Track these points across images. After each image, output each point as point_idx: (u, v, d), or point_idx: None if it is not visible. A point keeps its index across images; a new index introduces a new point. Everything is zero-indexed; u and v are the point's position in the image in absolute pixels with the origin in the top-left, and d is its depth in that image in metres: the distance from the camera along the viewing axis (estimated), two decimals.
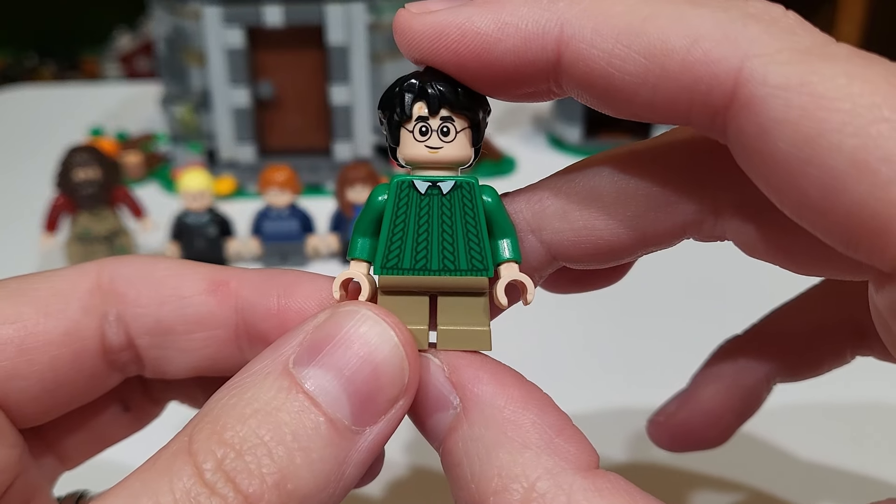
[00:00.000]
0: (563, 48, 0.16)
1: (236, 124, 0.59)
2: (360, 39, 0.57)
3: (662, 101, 0.16)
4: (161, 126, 0.67)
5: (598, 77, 0.16)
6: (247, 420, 0.15)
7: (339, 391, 0.16)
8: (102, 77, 1.82)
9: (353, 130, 0.60)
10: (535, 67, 0.17)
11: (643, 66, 0.15)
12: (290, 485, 0.15)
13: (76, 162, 0.48)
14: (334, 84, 0.58)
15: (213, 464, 0.15)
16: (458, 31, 0.17)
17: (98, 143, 0.61)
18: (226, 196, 0.59)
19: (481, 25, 0.17)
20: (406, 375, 0.17)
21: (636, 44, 0.15)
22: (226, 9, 0.56)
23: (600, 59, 0.16)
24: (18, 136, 0.75)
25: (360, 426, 0.16)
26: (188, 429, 0.16)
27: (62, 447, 0.21)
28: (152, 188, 0.61)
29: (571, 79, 0.17)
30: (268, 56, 0.59)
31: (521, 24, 0.17)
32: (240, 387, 0.16)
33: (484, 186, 0.18)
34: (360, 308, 0.17)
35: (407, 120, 0.18)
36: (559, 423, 0.16)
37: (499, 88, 0.18)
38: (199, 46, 0.57)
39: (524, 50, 0.17)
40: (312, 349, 0.16)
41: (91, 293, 0.20)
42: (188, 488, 0.14)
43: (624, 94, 0.16)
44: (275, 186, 0.50)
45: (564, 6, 0.16)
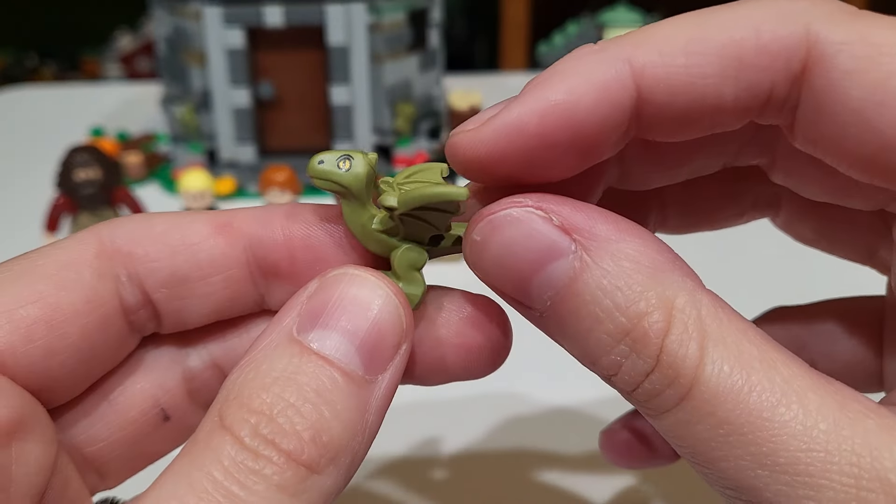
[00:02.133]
0: (639, 80, 0.17)
1: (237, 124, 0.59)
2: (361, 40, 0.57)
3: (746, 89, 0.17)
4: (161, 126, 0.67)
5: (681, 92, 0.17)
6: (269, 388, 0.16)
7: (347, 346, 0.17)
8: (103, 77, 1.82)
9: (353, 131, 0.60)
10: (619, 112, 0.17)
11: (720, 64, 0.17)
12: (325, 437, 0.16)
13: (77, 162, 0.48)
14: (334, 84, 0.58)
15: (250, 431, 0.16)
16: (535, 114, 0.17)
17: (99, 144, 0.61)
18: (226, 196, 0.59)
19: (557, 97, 0.17)
20: (403, 321, 0.18)
21: (706, 48, 0.17)
22: (226, 9, 0.56)
23: (678, 73, 0.17)
24: (19, 137, 0.75)
25: (372, 375, 0.17)
26: (214, 411, 0.16)
27: (102, 463, 0.21)
28: (153, 188, 0.61)
29: (653, 106, 0.17)
30: (268, 56, 0.59)
31: (591, 77, 0.17)
32: (253, 362, 0.17)
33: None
34: (347, 269, 0.18)
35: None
36: (671, 251, 0.17)
37: (584, 154, 0.18)
38: (200, 47, 0.58)
39: (605, 98, 0.17)
40: (312, 315, 0.17)
41: (98, 258, 0.20)
42: (233, 456, 0.15)
43: (708, 100, 0.17)
44: (275, 187, 0.50)
45: (618, 47, 0.17)
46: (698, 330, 0.16)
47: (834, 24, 0.16)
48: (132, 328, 0.20)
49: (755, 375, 0.16)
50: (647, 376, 0.16)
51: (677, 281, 0.17)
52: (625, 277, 0.16)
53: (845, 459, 0.15)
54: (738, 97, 0.17)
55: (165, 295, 0.20)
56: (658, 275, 0.17)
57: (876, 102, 0.16)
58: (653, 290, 0.16)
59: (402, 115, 0.61)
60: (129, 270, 0.20)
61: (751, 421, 0.15)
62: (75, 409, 0.20)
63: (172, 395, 0.22)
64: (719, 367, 0.16)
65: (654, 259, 0.17)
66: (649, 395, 0.17)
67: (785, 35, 0.16)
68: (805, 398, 0.15)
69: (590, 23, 0.65)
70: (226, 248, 0.20)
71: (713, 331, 0.16)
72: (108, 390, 0.21)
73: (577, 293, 0.17)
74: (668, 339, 0.16)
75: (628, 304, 0.16)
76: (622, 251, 0.17)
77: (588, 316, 0.17)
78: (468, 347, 0.20)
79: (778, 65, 0.17)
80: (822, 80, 0.16)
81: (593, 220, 0.17)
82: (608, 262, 0.17)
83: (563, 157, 0.18)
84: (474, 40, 1.82)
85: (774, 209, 0.24)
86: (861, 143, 0.16)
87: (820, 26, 0.16)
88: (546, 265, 0.17)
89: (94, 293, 0.19)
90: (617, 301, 0.16)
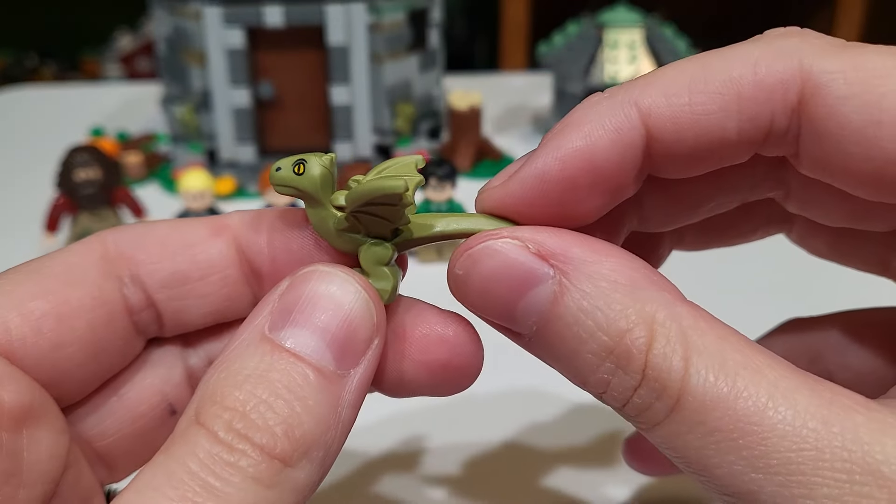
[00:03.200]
0: (647, 120, 0.18)
1: (236, 124, 0.59)
2: (361, 39, 0.57)
3: (748, 121, 0.18)
4: (161, 126, 0.67)
5: (687, 129, 0.18)
6: (242, 385, 0.16)
7: (317, 342, 0.17)
8: (103, 77, 1.82)
9: (353, 131, 0.60)
10: (633, 151, 0.18)
11: (721, 100, 0.18)
12: (297, 431, 0.16)
13: (77, 162, 0.48)
14: (334, 84, 0.58)
15: (223, 426, 0.16)
16: (557, 161, 0.18)
17: (98, 144, 0.61)
18: (226, 196, 0.59)
19: (574, 144, 0.18)
20: (374, 315, 0.18)
21: (708, 87, 0.18)
22: (226, 9, 0.56)
23: (683, 111, 0.18)
24: (19, 137, 0.75)
25: (344, 370, 0.17)
26: (190, 409, 0.17)
27: (112, 457, 0.22)
28: (153, 188, 0.61)
29: (663, 144, 0.18)
30: (268, 56, 0.59)
31: (604, 122, 0.18)
32: (226, 362, 0.17)
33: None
34: (317, 267, 0.18)
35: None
36: (647, 267, 0.18)
37: (606, 194, 0.19)
38: (200, 47, 0.58)
39: (619, 140, 0.18)
40: (283, 313, 0.18)
41: (103, 260, 0.20)
42: (208, 449, 0.16)
43: (713, 135, 0.18)
44: None
45: (625, 92, 0.18)
46: (681, 342, 0.17)
47: (825, 56, 0.17)
48: (137, 328, 0.21)
49: (740, 381, 0.16)
50: (636, 391, 0.17)
51: (656, 296, 0.17)
52: (604, 297, 0.17)
53: (836, 455, 0.15)
54: (741, 130, 0.18)
55: (166, 295, 0.21)
56: (636, 292, 0.17)
57: (874, 121, 0.17)
58: (632, 307, 0.17)
59: (402, 115, 0.61)
60: (132, 273, 0.21)
61: (740, 426, 0.16)
62: (86, 404, 0.21)
63: (178, 390, 0.22)
64: (704, 376, 0.16)
65: (630, 277, 0.17)
66: (639, 410, 0.17)
67: (780, 69, 0.18)
68: (792, 399, 0.16)
69: (590, 23, 0.65)
70: (222, 249, 0.21)
71: (695, 341, 0.17)
72: (117, 386, 0.21)
73: (559, 316, 0.18)
74: (651, 354, 0.17)
75: (609, 323, 0.17)
76: (599, 272, 0.17)
77: (572, 338, 0.17)
78: (431, 365, 0.20)
79: (776, 97, 0.18)
80: (820, 107, 0.17)
81: (568, 244, 0.18)
82: (586, 284, 0.17)
83: (587, 199, 0.19)
84: (474, 40, 1.82)
85: (788, 225, 0.25)
86: (866, 160, 0.17)
87: (812, 59, 0.17)
88: (527, 292, 0.18)
89: (99, 291, 0.20)
90: (598, 321, 0.17)
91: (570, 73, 0.65)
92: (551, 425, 0.35)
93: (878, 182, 0.17)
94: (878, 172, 0.17)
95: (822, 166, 0.18)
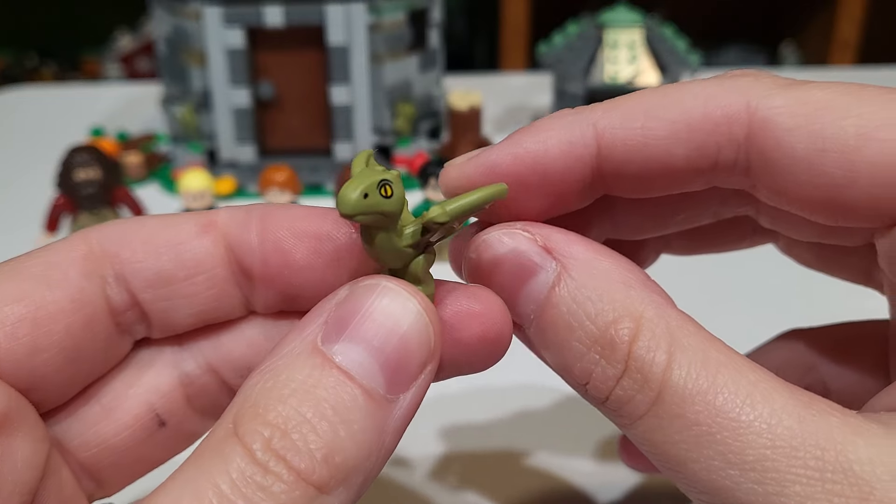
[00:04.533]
0: (600, 140, 0.20)
1: (236, 124, 0.59)
2: (360, 39, 0.57)
3: (695, 150, 0.19)
4: (161, 126, 0.67)
5: (636, 150, 0.19)
6: (286, 400, 0.16)
7: (370, 363, 0.17)
8: (103, 77, 1.82)
9: (353, 131, 0.60)
10: (581, 164, 0.20)
11: (671, 128, 0.19)
12: (338, 457, 0.16)
13: (77, 162, 0.48)
14: (334, 84, 0.58)
15: (262, 444, 0.15)
16: (509, 156, 0.20)
17: (98, 144, 0.61)
18: (226, 196, 0.59)
19: (528, 144, 0.20)
20: (432, 340, 0.18)
21: (662, 114, 0.19)
22: (226, 9, 0.56)
23: (634, 135, 0.19)
24: (19, 137, 0.75)
25: (394, 394, 0.17)
26: (228, 417, 0.16)
27: (97, 469, 0.21)
28: (153, 188, 0.61)
29: (612, 163, 0.20)
30: (268, 56, 0.59)
31: (561, 133, 0.20)
32: (273, 370, 0.17)
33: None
34: (379, 281, 0.18)
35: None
36: (642, 273, 0.19)
37: (552, 198, 0.20)
38: (200, 47, 0.58)
39: (569, 151, 0.20)
40: (338, 325, 0.17)
41: (86, 259, 0.20)
42: (242, 468, 0.15)
43: (661, 159, 0.19)
44: (275, 187, 0.50)
45: (589, 111, 0.20)
46: (666, 338, 0.17)
47: (772, 92, 0.19)
48: (121, 330, 0.20)
49: (721, 378, 0.17)
50: (618, 381, 0.17)
51: (647, 296, 0.18)
52: (597, 290, 0.18)
53: (810, 454, 0.15)
54: (688, 157, 0.19)
55: (152, 296, 0.20)
56: (629, 290, 0.18)
57: (818, 150, 0.18)
58: (622, 302, 0.18)
59: (402, 115, 0.61)
60: (116, 271, 0.20)
61: (718, 421, 0.16)
62: (68, 413, 0.20)
63: (168, 401, 0.21)
64: (686, 370, 0.17)
65: (625, 277, 0.18)
66: (621, 402, 0.17)
67: (727, 104, 0.19)
68: (770, 398, 0.16)
69: (590, 23, 0.65)
70: (210, 248, 0.20)
71: (680, 339, 0.17)
72: (101, 395, 0.21)
73: (554, 304, 0.18)
74: (636, 346, 0.17)
75: (598, 314, 0.18)
76: (596, 268, 0.18)
77: (564, 326, 0.18)
78: (466, 341, 0.20)
79: (721, 129, 0.19)
80: (769, 139, 0.18)
81: (572, 242, 0.19)
82: (582, 276, 0.18)
83: (533, 200, 0.20)
84: (474, 40, 1.82)
85: (774, 235, 0.25)
86: (816, 188, 0.18)
87: (760, 97, 0.19)
88: (529, 279, 0.19)
89: (79, 292, 0.19)
90: (588, 311, 0.18)
91: (570, 73, 0.65)
92: (548, 423, 0.35)
93: (830, 206, 0.18)
94: (828, 197, 0.18)
95: (776, 195, 0.19)
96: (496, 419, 0.36)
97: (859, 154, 0.18)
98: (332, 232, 0.20)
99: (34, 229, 0.51)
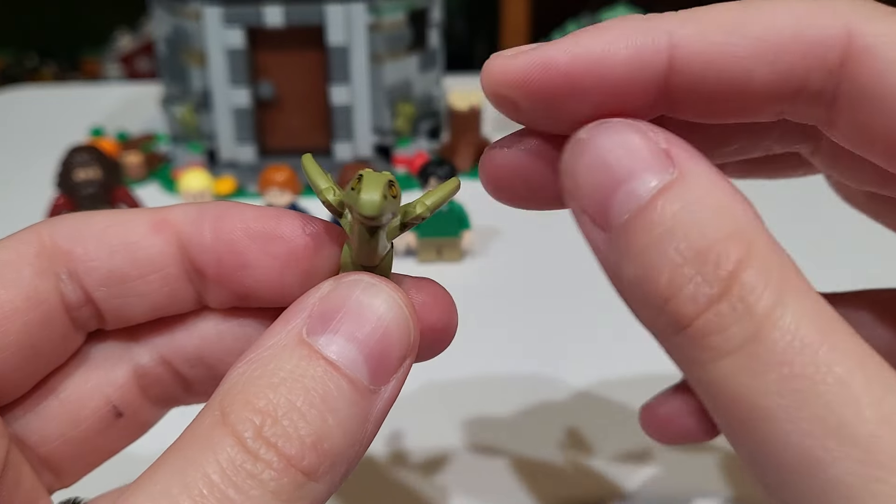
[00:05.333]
0: (674, 52, 0.17)
1: (236, 124, 0.59)
2: (360, 39, 0.57)
3: (780, 74, 0.17)
4: (161, 126, 0.67)
5: (714, 69, 0.17)
6: (276, 388, 0.16)
7: (355, 354, 0.17)
8: (103, 77, 1.82)
9: (353, 131, 0.60)
10: (648, 75, 0.18)
11: (758, 46, 0.17)
12: (326, 444, 0.16)
13: (77, 162, 0.48)
14: (334, 84, 0.58)
15: (253, 432, 0.15)
16: (568, 55, 0.18)
17: (98, 144, 0.61)
18: (226, 196, 0.59)
19: (591, 45, 0.18)
20: (412, 334, 0.18)
21: (747, 31, 0.17)
22: (226, 9, 0.56)
23: (713, 49, 0.17)
24: (19, 136, 0.75)
25: (376, 385, 0.17)
26: (215, 404, 0.16)
27: (56, 462, 0.21)
28: (153, 188, 0.61)
29: (684, 80, 0.18)
30: (268, 56, 0.59)
31: (630, 38, 0.18)
32: (259, 361, 0.17)
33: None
34: (362, 277, 0.18)
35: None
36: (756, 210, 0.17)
37: (609, 106, 0.18)
38: (200, 47, 0.58)
39: (637, 58, 0.17)
40: (324, 318, 0.17)
41: (39, 256, 0.20)
42: (232, 457, 0.15)
43: (741, 81, 0.17)
44: (275, 186, 0.50)
45: (662, 20, 0.18)
46: (779, 273, 0.15)
47: (874, 20, 0.17)
48: (76, 325, 0.20)
49: (834, 337, 0.15)
50: (712, 305, 0.15)
51: (765, 233, 0.16)
52: (715, 205, 0.16)
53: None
54: (771, 81, 0.17)
55: (105, 293, 0.20)
56: (749, 220, 0.16)
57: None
58: (741, 227, 0.16)
59: (402, 115, 0.61)
60: (69, 269, 0.20)
61: (829, 381, 0.14)
62: (26, 408, 0.20)
63: (124, 392, 0.22)
64: (798, 316, 0.15)
65: (747, 209, 0.16)
66: (710, 330, 0.15)
67: (823, 26, 0.17)
68: (882, 376, 0.14)
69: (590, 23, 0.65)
70: (163, 247, 0.20)
71: (794, 280, 0.15)
72: (58, 389, 0.21)
73: (658, 208, 0.16)
74: (745, 271, 0.15)
75: (711, 227, 0.16)
76: (717, 184, 0.16)
77: (663, 232, 0.16)
78: (422, 331, 0.20)
79: (815, 53, 0.17)
80: (865, 70, 0.17)
81: (693, 155, 0.17)
82: (701, 188, 0.16)
83: (583, 109, 0.18)
84: (474, 40, 1.82)
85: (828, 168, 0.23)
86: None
87: (860, 21, 0.17)
88: (640, 176, 0.16)
89: (34, 291, 0.19)
90: (700, 221, 0.16)
91: None
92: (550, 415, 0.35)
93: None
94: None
95: (858, 133, 0.17)
96: (487, 413, 0.36)
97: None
98: (286, 233, 0.20)
99: None
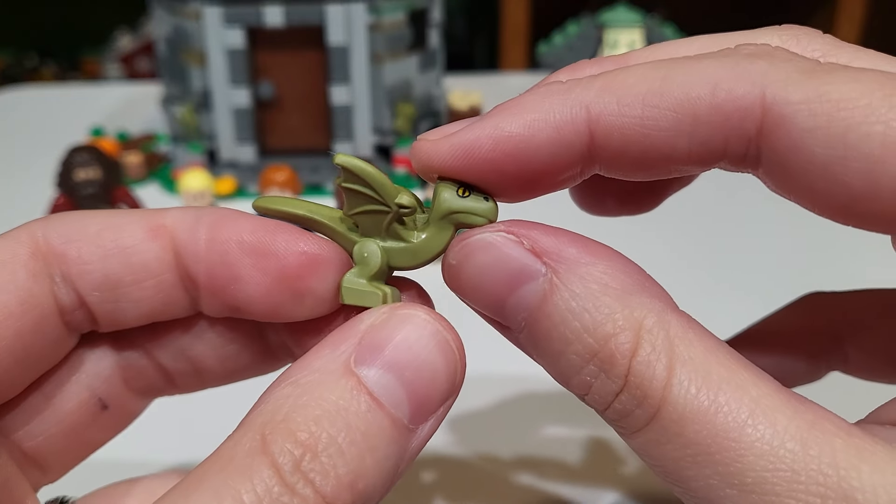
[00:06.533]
0: (594, 126, 0.18)
1: (236, 124, 0.59)
2: (360, 39, 0.57)
3: (700, 144, 0.17)
4: (161, 126, 0.67)
5: (634, 142, 0.18)
6: (320, 420, 0.16)
7: (400, 392, 0.17)
8: (103, 77, 1.82)
9: (353, 131, 0.60)
10: (570, 152, 0.18)
11: (675, 118, 0.17)
12: (361, 484, 0.16)
13: (77, 162, 0.48)
14: (334, 84, 0.58)
15: (292, 465, 0.15)
16: (490, 140, 0.18)
17: (99, 143, 0.61)
18: (226, 196, 0.59)
19: (512, 128, 0.18)
20: (458, 377, 0.18)
21: (663, 102, 0.17)
22: (226, 9, 0.56)
23: (633, 124, 0.18)
24: (19, 136, 0.75)
25: (415, 424, 0.17)
26: (257, 427, 0.16)
27: (42, 457, 0.21)
28: (153, 188, 0.61)
29: (607, 152, 0.18)
30: (268, 56, 0.59)
31: (549, 116, 0.18)
32: (305, 385, 0.17)
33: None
34: (418, 311, 0.18)
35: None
36: (641, 272, 0.18)
37: (534, 185, 0.19)
38: (200, 47, 0.58)
39: (558, 139, 0.18)
40: (373, 350, 0.17)
41: (33, 258, 0.19)
42: (269, 488, 0.15)
43: (662, 151, 0.18)
44: (275, 186, 0.50)
45: (581, 91, 0.18)
46: (666, 351, 0.16)
47: (791, 85, 0.16)
48: (69, 328, 0.20)
49: (722, 396, 0.16)
50: (617, 396, 0.17)
51: (646, 302, 0.17)
52: (592, 300, 0.17)
53: (812, 479, 0.15)
54: (691, 150, 0.18)
55: (98, 298, 0.20)
56: (626, 297, 0.17)
57: (839, 157, 0.16)
58: (620, 312, 0.17)
59: (402, 115, 0.61)
60: (63, 272, 0.20)
61: (718, 441, 0.16)
62: (11, 406, 0.20)
63: (109, 385, 0.22)
64: (686, 387, 0.16)
65: (622, 281, 0.17)
66: (620, 415, 0.17)
67: (740, 95, 0.17)
68: (773, 418, 0.16)
69: (590, 23, 0.65)
70: (159, 253, 0.20)
71: (681, 351, 0.16)
72: (44, 385, 0.21)
73: (547, 315, 0.17)
74: (635, 360, 0.16)
75: (596, 326, 0.17)
76: (590, 273, 0.17)
77: (558, 338, 0.17)
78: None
79: (731, 124, 0.17)
80: (783, 139, 0.17)
81: (562, 244, 0.18)
82: (576, 285, 0.17)
83: (512, 184, 0.19)
84: (474, 40, 1.82)
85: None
86: (831, 196, 0.17)
87: (777, 88, 0.17)
88: (518, 287, 0.18)
89: (28, 295, 0.19)
90: (585, 323, 0.17)
91: None
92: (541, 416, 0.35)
93: (847, 213, 0.17)
94: (845, 205, 0.17)
95: (787, 193, 0.18)
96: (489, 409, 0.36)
97: (884, 166, 0.16)
98: (280, 249, 0.19)
99: None
